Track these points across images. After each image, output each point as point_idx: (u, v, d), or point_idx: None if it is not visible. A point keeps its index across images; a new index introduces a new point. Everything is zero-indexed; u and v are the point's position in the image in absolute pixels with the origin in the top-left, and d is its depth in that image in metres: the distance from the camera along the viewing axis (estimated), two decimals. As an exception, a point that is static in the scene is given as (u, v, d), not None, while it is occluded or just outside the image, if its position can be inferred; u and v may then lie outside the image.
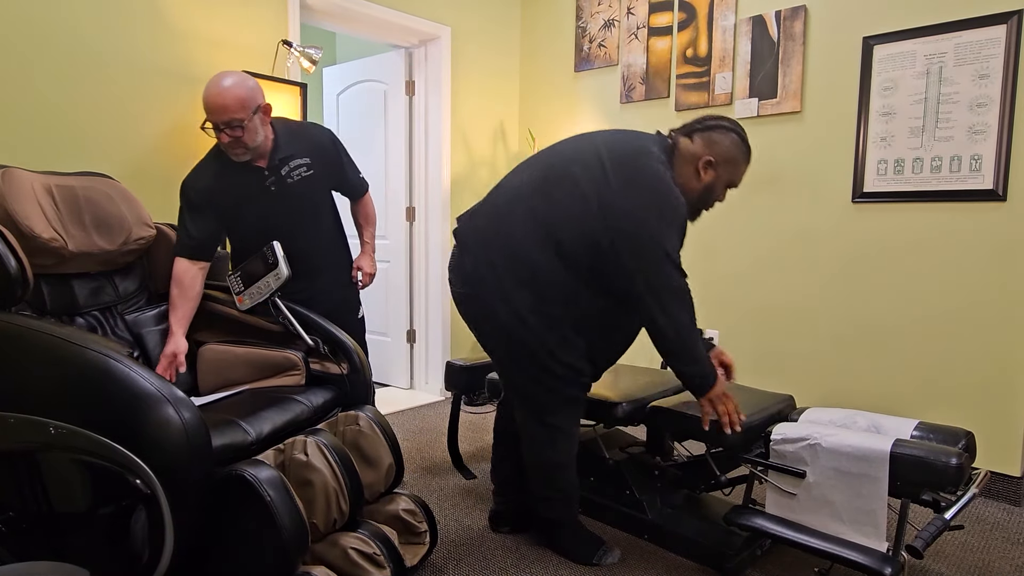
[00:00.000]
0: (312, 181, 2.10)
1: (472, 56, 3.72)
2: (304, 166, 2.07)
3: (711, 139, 1.79)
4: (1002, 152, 2.36)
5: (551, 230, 1.73)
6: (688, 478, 2.11)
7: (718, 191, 1.84)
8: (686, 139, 1.82)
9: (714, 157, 1.79)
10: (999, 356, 2.41)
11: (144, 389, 1.33)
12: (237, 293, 2.05)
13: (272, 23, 2.86)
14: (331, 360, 1.98)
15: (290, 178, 2.05)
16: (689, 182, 1.81)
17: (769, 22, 2.91)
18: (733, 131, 1.80)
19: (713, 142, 1.79)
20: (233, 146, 1.91)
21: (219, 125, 1.88)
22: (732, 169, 1.82)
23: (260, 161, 2.01)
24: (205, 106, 1.87)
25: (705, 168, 1.80)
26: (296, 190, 2.06)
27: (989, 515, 2.32)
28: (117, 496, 1.39)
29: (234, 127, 1.87)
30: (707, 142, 1.80)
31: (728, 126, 1.80)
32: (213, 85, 1.86)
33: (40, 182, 1.85)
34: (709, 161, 1.79)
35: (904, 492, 1.60)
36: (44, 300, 1.82)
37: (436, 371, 3.74)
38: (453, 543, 2.04)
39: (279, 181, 2.03)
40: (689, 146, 1.81)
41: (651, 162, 1.73)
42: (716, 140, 1.79)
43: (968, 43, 2.42)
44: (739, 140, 1.80)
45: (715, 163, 1.79)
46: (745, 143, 1.82)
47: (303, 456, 1.57)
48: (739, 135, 1.80)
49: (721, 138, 1.79)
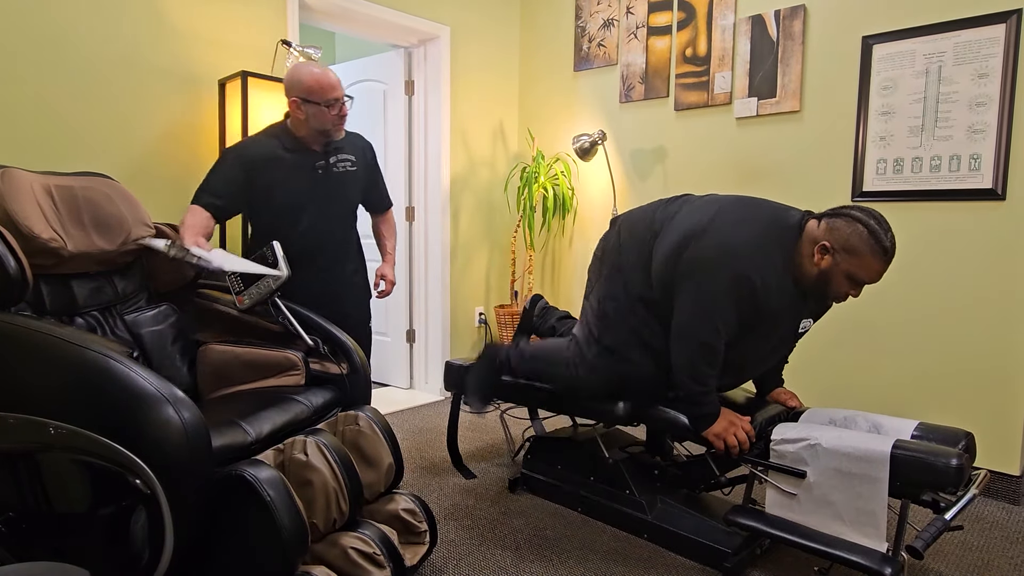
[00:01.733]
0: (354, 178, 2.29)
1: (471, 56, 3.71)
2: (350, 162, 2.27)
3: (834, 225, 1.73)
4: (1001, 151, 2.37)
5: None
6: (688, 478, 2.11)
7: (836, 281, 1.74)
8: (815, 222, 1.79)
9: (831, 243, 1.72)
10: (999, 355, 2.41)
11: (144, 389, 1.33)
12: (237, 293, 2.04)
13: (271, 23, 2.86)
14: (331, 360, 1.98)
15: (336, 168, 2.23)
16: (804, 264, 1.77)
17: (768, 21, 2.91)
18: (862, 222, 1.69)
19: (834, 228, 1.72)
20: (341, 122, 2.16)
21: (331, 101, 2.09)
22: (853, 260, 1.70)
23: (315, 145, 2.19)
24: (317, 85, 2.07)
25: (820, 253, 1.73)
26: (339, 179, 2.24)
27: (989, 514, 2.32)
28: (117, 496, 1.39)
29: (343, 103, 2.13)
30: (829, 227, 1.73)
31: (858, 216, 1.71)
32: (315, 68, 2.11)
33: (39, 182, 1.85)
34: (824, 246, 1.72)
35: (904, 493, 1.60)
36: (43, 300, 1.82)
37: (436, 371, 3.74)
38: (452, 543, 2.05)
39: (327, 167, 2.21)
40: (814, 229, 1.77)
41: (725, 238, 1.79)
42: (838, 227, 1.72)
43: (967, 42, 2.42)
44: (867, 233, 1.68)
45: (831, 249, 1.72)
46: (875, 237, 1.68)
47: (303, 456, 1.57)
48: (869, 228, 1.68)
49: (844, 226, 1.71)
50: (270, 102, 2.60)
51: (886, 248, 1.68)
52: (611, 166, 3.44)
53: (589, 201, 3.66)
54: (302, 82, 2.08)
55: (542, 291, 3.92)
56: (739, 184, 3.05)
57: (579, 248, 3.73)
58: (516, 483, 2.44)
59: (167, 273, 2.12)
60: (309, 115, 2.11)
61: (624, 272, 1.99)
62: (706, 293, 1.78)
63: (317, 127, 2.13)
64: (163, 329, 2.03)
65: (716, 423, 1.82)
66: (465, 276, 3.81)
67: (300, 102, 2.09)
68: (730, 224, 1.81)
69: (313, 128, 2.14)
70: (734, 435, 1.80)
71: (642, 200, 3.43)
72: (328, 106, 2.10)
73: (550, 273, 3.89)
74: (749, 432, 1.81)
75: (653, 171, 3.39)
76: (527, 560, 1.94)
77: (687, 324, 1.83)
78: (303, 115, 2.11)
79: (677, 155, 3.28)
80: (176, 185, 2.62)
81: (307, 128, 2.15)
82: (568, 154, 3.65)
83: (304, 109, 2.10)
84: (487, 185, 3.86)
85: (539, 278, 3.93)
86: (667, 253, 1.87)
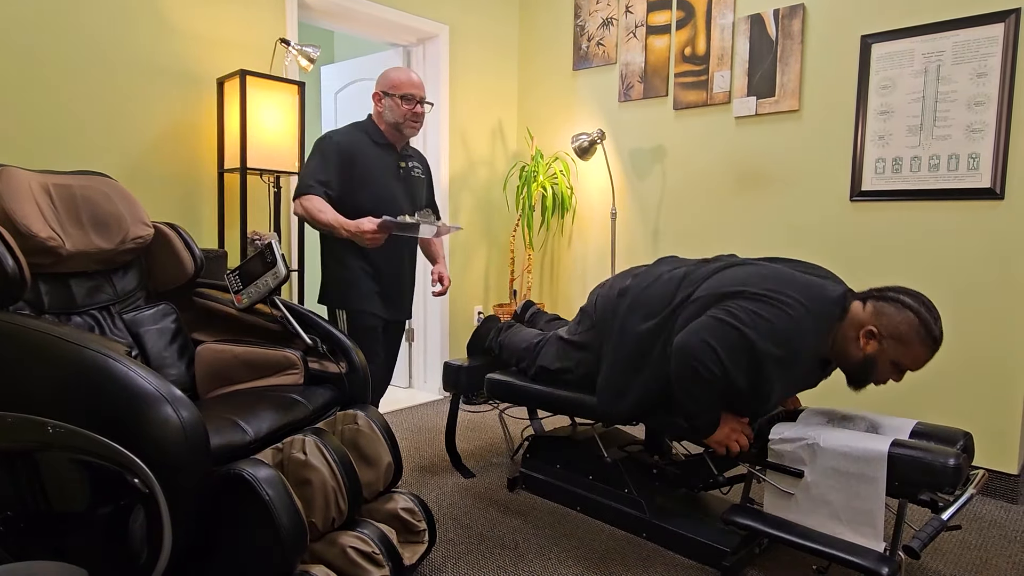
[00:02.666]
0: (422, 184, 2.48)
1: (470, 55, 3.71)
2: (419, 169, 2.45)
3: (882, 310, 1.66)
4: (1000, 150, 2.37)
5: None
6: (686, 477, 2.12)
7: (881, 367, 1.69)
8: (859, 303, 1.71)
9: (878, 329, 1.66)
10: (997, 354, 2.42)
11: (142, 388, 1.33)
12: (235, 292, 2.04)
13: (270, 21, 2.85)
14: (330, 359, 1.98)
15: (412, 172, 2.41)
16: (848, 347, 1.71)
17: (767, 20, 2.91)
18: (912, 310, 1.63)
19: (882, 313, 1.66)
20: (418, 120, 2.31)
21: (408, 96, 2.26)
22: (900, 349, 1.64)
23: (397, 144, 2.36)
24: (398, 80, 2.27)
25: (866, 338, 1.67)
26: (415, 182, 2.43)
27: (987, 513, 2.32)
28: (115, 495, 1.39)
29: (424, 104, 2.31)
30: (877, 312, 1.67)
31: (908, 303, 1.65)
32: (405, 69, 2.34)
33: (37, 181, 1.84)
34: (871, 331, 1.66)
35: (902, 492, 1.60)
36: (42, 299, 1.82)
37: (435, 370, 3.74)
38: (452, 542, 2.05)
39: (406, 169, 2.38)
40: (859, 311, 1.70)
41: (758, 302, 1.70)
42: (887, 313, 1.65)
43: (966, 41, 2.42)
44: (917, 322, 1.62)
45: (878, 335, 1.66)
46: (926, 327, 1.62)
47: (301, 455, 1.57)
48: (920, 317, 1.62)
49: (893, 312, 1.65)
50: (269, 101, 2.60)
51: (936, 338, 1.63)
52: (610, 165, 3.44)
53: (588, 200, 3.66)
54: (388, 77, 2.29)
55: (540, 290, 3.92)
56: (738, 183, 3.05)
57: (578, 247, 3.73)
58: (515, 482, 2.44)
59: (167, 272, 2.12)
60: (386, 108, 2.29)
61: (621, 332, 1.99)
62: (727, 337, 1.69)
63: (391, 120, 2.29)
64: (162, 328, 2.02)
65: (718, 431, 1.81)
66: (464, 275, 3.81)
67: (381, 95, 2.29)
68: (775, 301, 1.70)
69: (388, 122, 2.30)
70: (736, 441, 1.80)
71: (640, 198, 3.43)
72: (404, 100, 2.26)
73: (549, 272, 3.89)
74: (750, 436, 1.81)
75: (652, 170, 3.39)
76: (526, 559, 1.95)
77: (694, 352, 1.73)
78: (382, 108, 2.30)
79: (676, 154, 3.28)
80: (174, 184, 2.62)
81: (384, 122, 2.31)
82: (567, 153, 3.65)
83: (384, 103, 2.29)
84: (486, 184, 3.86)
85: (538, 277, 3.93)
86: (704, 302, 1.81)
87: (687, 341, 1.74)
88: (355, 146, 2.27)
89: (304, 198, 2.18)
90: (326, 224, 2.16)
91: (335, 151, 2.23)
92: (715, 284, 1.82)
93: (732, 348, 1.68)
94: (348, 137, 2.28)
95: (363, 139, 2.30)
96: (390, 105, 2.27)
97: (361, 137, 2.30)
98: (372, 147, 2.30)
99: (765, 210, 2.98)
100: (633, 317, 1.96)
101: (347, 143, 2.26)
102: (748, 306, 1.70)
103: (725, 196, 3.11)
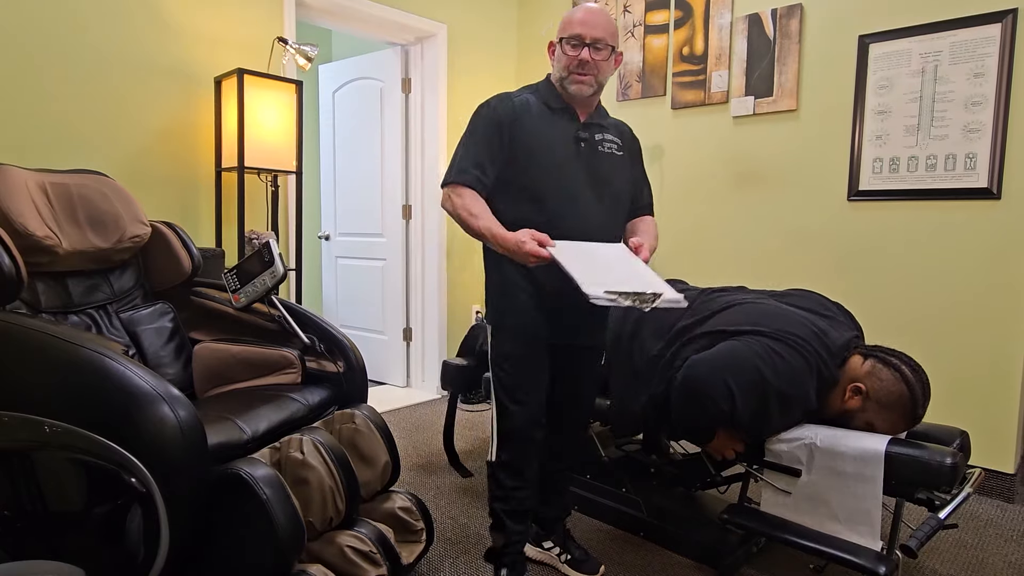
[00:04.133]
0: (620, 163, 1.81)
1: (468, 54, 3.71)
2: (616, 145, 1.80)
3: (878, 373, 1.64)
4: (996, 150, 2.37)
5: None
6: (684, 476, 2.12)
7: (856, 424, 1.68)
8: (860, 357, 1.70)
9: (867, 388, 1.65)
10: (994, 353, 2.42)
11: (139, 387, 1.33)
12: (233, 291, 2.04)
13: (267, 20, 2.85)
14: (327, 358, 1.98)
15: (601, 146, 1.76)
16: (832, 394, 1.71)
17: (765, 20, 2.91)
18: (907, 384, 1.62)
19: (877, 376, 1.64)
20: (584, 70, 1.65)
21: (584, 40, 1.64)
22: (881, 415, 1.65)
23: (582, 113, 1.74)
24: (573, 20, 1.65)
25: (852, 393, 1.67)
26: (602, 162, 1.75)
27: (983, 512, 2.33)
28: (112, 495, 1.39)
29: (599, 48, 1.65)
30: (872, 373, 1.65)
31: (906, 375, 1.62)
32: (583, 6, 1.69)
33: (34, 180, 1.84)
34: (859, 388, 1.66)
35: (899, 491, 1.61)
36: (38, 298, 1.81)
37: (432, 369, 3.74)
38: (449, 541, 2.05)
39: (590, 143, 1.73)
40: (857, 365, 1.69)
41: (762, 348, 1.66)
42: (882, 377, 1.64)
43: (963, 42, 2.42)
44: (907, 397, 1.61)
45: (864, 394, 1.66)
46: (914, 403, 1.61)
47: (299, 454, 1.57)
48: (912, 393, 1.61)
49: (888, 379, 1.63)
50: (266, 100, 2.60)
51: (916, 419, 1.64)
52: (608, 165, 3.43)
53: (586, 199, 3.66)
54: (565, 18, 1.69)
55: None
56: (736, 183, 3.05)
57: (576, 246, 3.73)
58: (512, 481, 2.44)
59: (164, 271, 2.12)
60: (555, 58, 1.71)
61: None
62: (744, 374, 1.64)
63: (557, 75, 1.71)
64: (159, 327, 2.02)
65: (713, 440, 1.81)
66: (462, 274, 3.81)
67: (554, 45, 1.71)
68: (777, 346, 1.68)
69: (555, 78, 1.72)
70: (732, 448, 1.80)
71: (639, 199, 3.43)
72: (568, 44, 1.65)
73: (547, 271, 3.89)
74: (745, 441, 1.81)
75: (650, 169, 3.36)
76: (523, 558, 1.94)
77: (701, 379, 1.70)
78: (552, 59, 1.73)
79: (674, 153, 3.29)
80: (172, 183, 2.62)
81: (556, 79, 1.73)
82: (565, 152, 3.65)
83: (555, 54, 1.71)
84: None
85: (536, 276, 3.92)
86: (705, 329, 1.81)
87: (702, 376, 1.67)
88: (519, 111, 1.68)
89: (452, 189, 1.66)
90: (477, 232, 1.62)
91: (489, 122, 1.67)
92: (728, 319, 1.80)
93: (748, 389, 1.63)
94: (510, 102, 1.70)
95: (533, 103, 1.71)
96: (557, 55, 1.70)
97: (530, 100, 1.72)
98: (545, 113, 1.70)
99: (763, 209, 2.98)
100: (643, 333, 1.96)
101: (507, 110, 1.68)
102: (768, 344, 1.66)
103: (723, 195, 3.11)
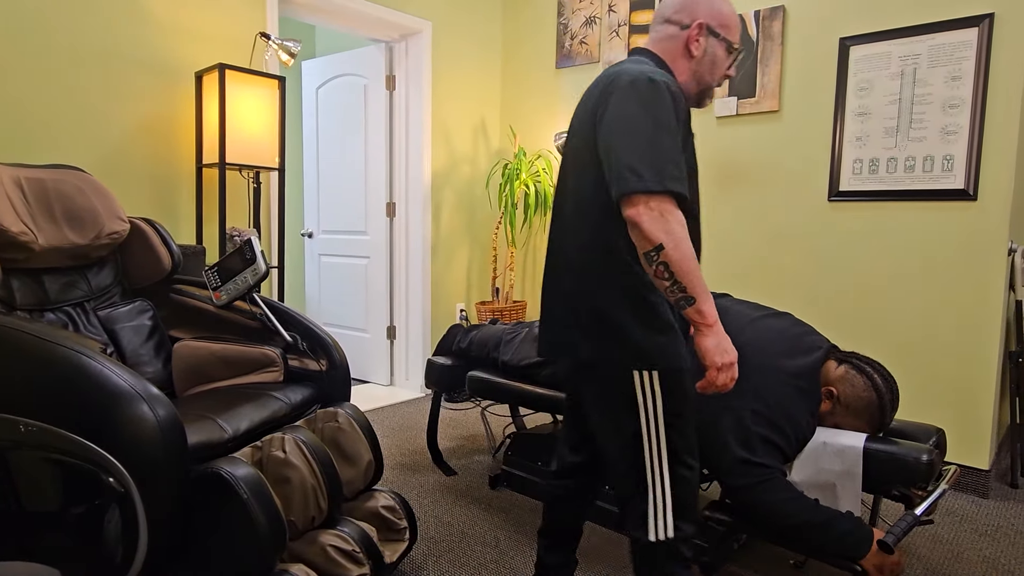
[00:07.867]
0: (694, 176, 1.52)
1: (453, 51, 3.70)
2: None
3: (851, 380, 1.69)
4: (973, 152, 2.41)
5: None
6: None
7: (824, 426, 1.73)
8: (834, 363, 1.74)
9: (838, 393, 1.70)
10: (969, 352, 2.47)
11: (117, 386, 1.31)
12: (214, 288, 2.02)
13: (250, 15, 2.82)
14: (310, 356, 1.96)
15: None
16: None
17: (748, 22, 2.93)
18: (878, 392, 1.66)
19: (849, 382, 1.69)
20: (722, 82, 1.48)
21: (736, 49, 1.44)
22: (848, 418, 1.70)
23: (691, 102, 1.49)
24: (734, 20, 1.42)
25: (826, 396, 1.72)
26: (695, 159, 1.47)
27: (958, 507, 2.37)
28: (89, 495, 1.37)
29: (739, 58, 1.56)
30: (845, 378, 1.70)
31: (877, 384, 1.67)
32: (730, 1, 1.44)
33: (9, 175, 1.81)
34: (831, 392, 1.71)
35: (876, 488, 1.63)
36: (13, 295, 1.78)
37: (416, 368, 3.73)
38: (433, 539, 2.04)
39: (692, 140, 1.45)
40: (831, 370, 1.73)
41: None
42: (854, 384, 1.69)
43: (941, 45, 2.46)
44: (876, 405, 1.66)
45: (834, 398, 1.71)
46: (882, 412, 1.67)
47: (281, 453, 1.56)
48: (881, 402, 1.66)
49: (860, 386, 1.68)
50: (248, 95, 2.57)
51: (882, 426, 1.69)
52: (592, 163, 3.44)
53: (570, 198, 3.66)
54: (719, 8, 1.40)
55: (523, 288, 3.92)
56: (718, 182, 3.07)
57: (560, 245, 3.73)
58: (497, 479, 2.44)
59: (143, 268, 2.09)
60: (707, 53, 1.41)
61: None
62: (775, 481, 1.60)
63: (706, 72, 1.42)
64: (138, 325, 1.99)
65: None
66: (446, 272, 3.80)
67: (707, 30, 1.39)
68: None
69: (697, 73, 1.42)
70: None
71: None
72: (732, 53, 1.43)
73: (531, 270, 3.89)
74: None
75: (634, 169, 3.40)
76: (507, 556, 1.95)
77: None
78: (699, 50, 1.40)
79: (658, 153, 3.30)
80: (151, 178, 2.58)
81: (690, 72, 1.42)
82: (550, 151, 3.65)
83: (707, 42, 1.40)
84: (468, 181, 3.85)
85: (520, 275, 3.93)
86: None
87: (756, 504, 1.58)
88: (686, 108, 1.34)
89: (663, 203, 1.16)
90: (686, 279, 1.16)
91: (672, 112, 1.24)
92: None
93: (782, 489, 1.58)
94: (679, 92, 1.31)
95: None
96: (714, 51, 1.40)
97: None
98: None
99: (744, 209, 3.01)
100: None
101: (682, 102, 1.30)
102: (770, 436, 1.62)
103: (706, 195, 3.13)
